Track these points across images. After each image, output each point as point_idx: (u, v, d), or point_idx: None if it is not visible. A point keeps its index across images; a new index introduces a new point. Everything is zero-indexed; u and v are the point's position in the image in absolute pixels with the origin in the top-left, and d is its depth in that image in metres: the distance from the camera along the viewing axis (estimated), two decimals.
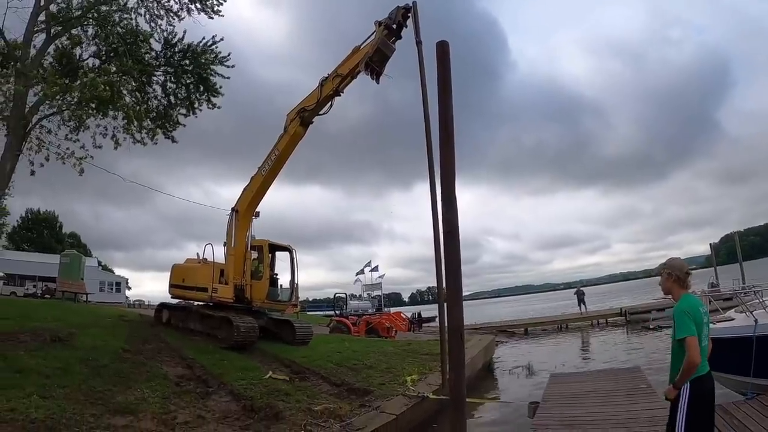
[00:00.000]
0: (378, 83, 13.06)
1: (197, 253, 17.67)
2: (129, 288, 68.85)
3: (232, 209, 16.59)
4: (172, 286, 18.26)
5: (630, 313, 31.92)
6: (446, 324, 6.23)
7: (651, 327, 11.02)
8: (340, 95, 14.50)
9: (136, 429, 7.63)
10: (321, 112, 14.98)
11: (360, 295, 53.54)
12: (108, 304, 37.30)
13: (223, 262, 16.35)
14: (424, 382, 12.12)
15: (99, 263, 68.99)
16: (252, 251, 16.75)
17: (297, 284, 17.55)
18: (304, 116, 14.95)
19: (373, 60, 12.94)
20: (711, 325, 9.99)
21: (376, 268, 55.47)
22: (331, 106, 14.71)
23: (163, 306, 19.45)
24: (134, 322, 18.97)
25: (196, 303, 17.26)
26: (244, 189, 16.54)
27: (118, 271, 76.90)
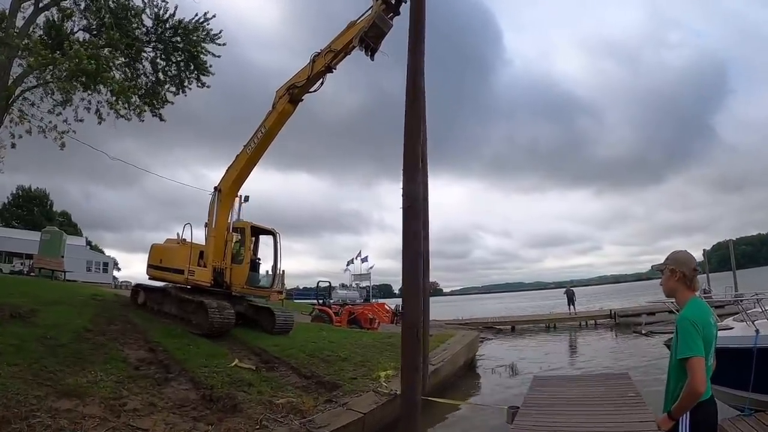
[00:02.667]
0: (372, 60, 12.39)
1: (177, 233, 16.78)
2: (118, 269, 68.39)
3: (215, 188, 15.93)
4: (149, 266, 17.47)
5: (619, 316, 31.37)
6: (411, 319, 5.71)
7: (643, 332, 10.36)
8: (332, 71, 13.78)
9: (79, 414, 7.21)
10: (311, 90, 14.29)
11: (349, 285, 53.60)
12: (93, 284, 36.47)
13: (204, 244, 15.75)
14: (399, 377, 11.41)
15: (88, 243, 68.40)
16: (234, 233, 16.05)
17: (280, 270, 16.95)
18: (294, 93, 14.26)
19: (369, 35, 12.27)
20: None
21: (365, 259, 55.26)
22: (322, 83, 14.02)
23: (139, 287, 18.71)
24: (107, 301, 18.18)
25: (173, 285, 16.53)
26: (229, 167, 15.90)
27: (109, 252, 76.82)
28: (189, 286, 15.21)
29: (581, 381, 11.32)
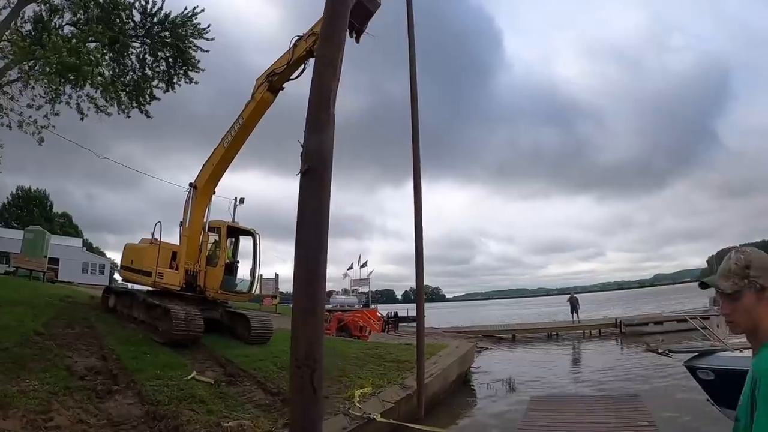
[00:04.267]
0: (358, 42, 11.21)
1: (152, 233, 15.65)
2: (119, 271, 67.47)
3: (190, 185, 15.04)
4: (122, 267, 16.96)
5: (625, 325, 29.88)
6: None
7: (660, 351, 8.97)
8: (314, 56, 12.59)
9: None
10: (292, 77, 13.36)
11: (348, 290, 53.31)
12: (88, 285, 35.47)
13: (177, 244, 14.94)
14: (378, 398, 10.05)
15: (85, 244, 67.55)
16: (210, 234, 15.01)
17: (259, 274, 15.93)
18: (273, 81, 13.36)
19: (354, 15, 11.07)
20: (737, 354, 7.95)
21: (365, 264, 54.92)
22: (303, 69, 12.92)
23: (109, 290, 17.60)
24: (76, 304, 17.37)
25: (144, 288, 15.66)
26: (205, 163, 15.04)
27: (111, 254, 75.84)
28: (159, 290, 14.21)
29: (585, 404, 9.96)
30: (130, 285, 17.76)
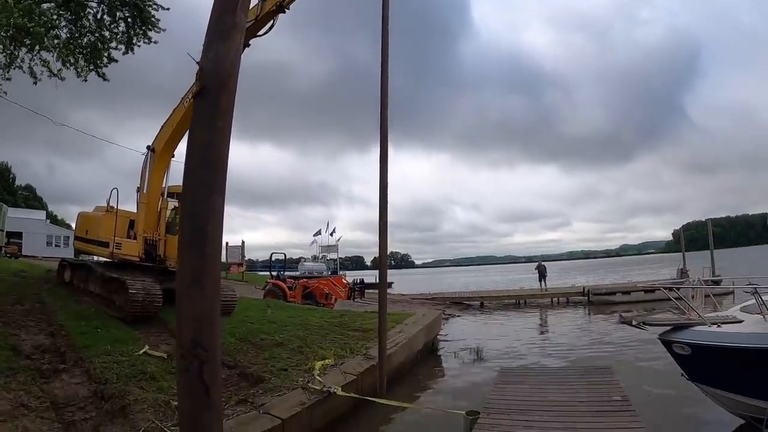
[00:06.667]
0: None
1: (107, 200, 14.74)
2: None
3: (148, 147, 14.19)
4: (76, 238, 15.83)
5: (594, 294, 29.94)
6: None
7: (634, 323, 8.62)
8: (285, 11, 11.78)
9: None
10: (259, 33, 12.31)
11: (316, 257, 53.01)
12: (53, 259, 34.40)
13: (134, 212, 14.11)
14: (339, 369, 9.66)
15: (49, 216, 65.79)
16: (169, 200, 14.16)
17: (225, 242, 15.03)
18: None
19: None
20: (715, 328, 7.65)
21: (333, 231, 54.60)
22: (272, 25, 12.02)
23: (65, 262, 16.72)
24: (29, 278, 16.42)
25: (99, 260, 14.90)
26: (164, 124, 14.14)
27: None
28: (116, 261, 13.39)
29: (556, 376, 9.60)
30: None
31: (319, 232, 54.24)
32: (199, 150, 2.51)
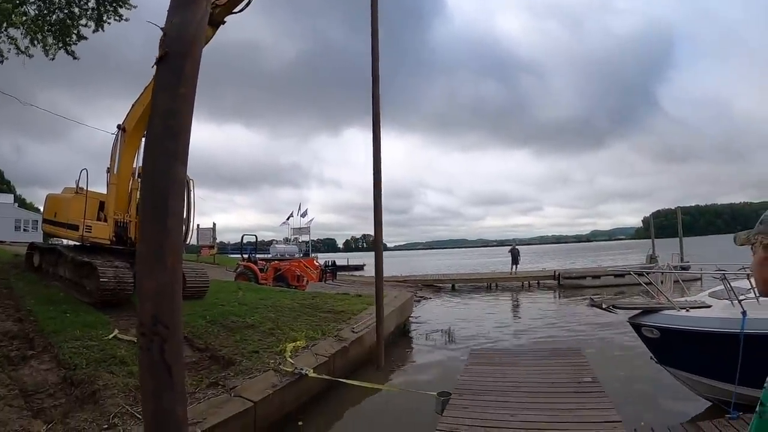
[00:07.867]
0: None
1: (76, 181, 14.38)
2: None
3: (119, 126, 13.66)
4: (44, 221, 15.39)
5: (564, 278, 30.39)
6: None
7: (604, 307, 8.70)
8: None
9: None
10: (235, 10, 12.04)
11: (288, 239, 52.69)
12: (22, 243, 33.70)
13: (104, 193, 13.69)
14: (311, 351, 9.61)
15: (17, 200, 64.33)
16: (140, 181, 13.80)
17: (196, 224, 14.82)
18: (214, 14, 11.99)
19: None
20: (684, 313, 7.75)
21: (305, 213, 54.25)
22: (249, 2, 11.78)
23: (34, 247, 16.32)
24: None
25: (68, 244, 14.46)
26: (135, 102, 13.57)
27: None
28: (87, 245, 13.04)
29: (527, 357, 9.71)
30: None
31: (291, 215, 54.01)
32: (161, 117, 2.34)
